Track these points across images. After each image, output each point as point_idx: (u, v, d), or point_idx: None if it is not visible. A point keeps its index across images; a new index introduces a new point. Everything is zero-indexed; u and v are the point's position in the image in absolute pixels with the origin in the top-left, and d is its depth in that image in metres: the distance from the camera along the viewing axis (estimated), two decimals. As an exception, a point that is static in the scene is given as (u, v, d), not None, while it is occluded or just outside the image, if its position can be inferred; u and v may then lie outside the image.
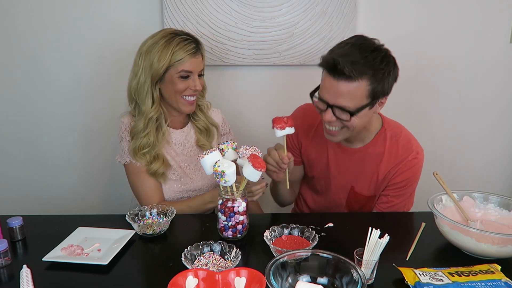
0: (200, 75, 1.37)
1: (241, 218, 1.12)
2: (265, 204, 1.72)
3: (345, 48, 1.15)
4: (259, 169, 1.06)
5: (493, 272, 0.93)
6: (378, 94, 1.16)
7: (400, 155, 1.29)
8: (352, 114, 1.16)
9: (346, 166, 1.36)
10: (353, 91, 1.13)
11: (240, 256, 0.98)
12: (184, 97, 1.34)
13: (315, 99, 1.22)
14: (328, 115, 1.18)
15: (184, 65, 1.29)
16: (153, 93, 1.32)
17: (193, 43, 1.31)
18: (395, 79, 1.20)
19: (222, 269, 0.97)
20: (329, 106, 1.17)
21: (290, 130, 1.24)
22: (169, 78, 1.31)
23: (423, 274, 0.92)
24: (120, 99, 1.82)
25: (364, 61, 1.12)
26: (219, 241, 1.04)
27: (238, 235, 1.14)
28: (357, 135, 1.30)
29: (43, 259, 1.01)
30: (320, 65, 1.17)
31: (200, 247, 1.02)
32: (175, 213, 1.21)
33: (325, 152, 1.38)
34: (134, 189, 1.40)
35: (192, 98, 1.36)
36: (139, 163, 1.34)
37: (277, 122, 1.23)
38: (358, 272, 0.84)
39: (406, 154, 1.29)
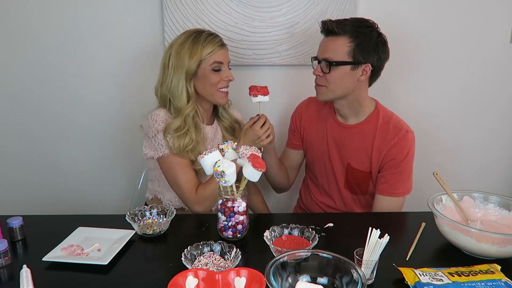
0: (229, 68, 1.41)
1: (241, 218, 1.12)
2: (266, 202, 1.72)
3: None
4: (259, 169, 1.06)
5: (493, 272, 0.93)
6: (358, 57, 1.32)
7: (390, 134, 1.38)
8: (331, 64, 1.32)
9: (343, 142, 1.46)
10: (336, 45, 1.32)
11: (240, 256, 0.98)
12: (220, 89, 1.38)
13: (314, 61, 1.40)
14: (317, 69, 1.37)
15: (215, 57, 1.34)
16: (188, 89, 1.35)
17: (218, 37, 1.37)
18: (378, 51, 1.33)
19: (222, 269, 0.97)
20: (319, 61, 1.37)
21: (262, 98, 1.38)
22: (202, 72, 1.34)
23: (423, 274, 0.92)
24: (121, 97, 1.83)
25: (351, 24, 1.32)
26: (219, 241, 1.04)
27: (238, 235, 1.14)
28: (350, 106, 1.41)
29: (43, 259, 1.01)
30: (321, 31, 1.37)
31: (200, 247, 1.02)
32: (175, 213, 1.21)
33: (325, 130, 1.50)
34: (175, 180, 1.36)
35: (226, 89, 1.40)
36: (188, 160, 1.35)
37: (251, 89, 1.39)
38: (358, 272, 0.84)
39: (396, 132, 1.38)
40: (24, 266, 0.97)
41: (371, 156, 1.40)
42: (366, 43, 1.31)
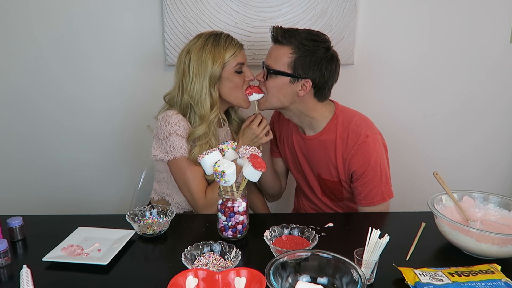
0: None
1: (241, 218, 1.13)
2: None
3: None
4: (259, 169, 1.06)
5: (493, 272, 0.93)
6: (298, 70, 1.27)
7: (350, 140, 1.32)
8: (269, 71, 1.30)
9: (308, 154, 1.44)
10: (278, 54, 1.29)
11: (240, 256, 0.98)
12: (246, 92, 1.37)
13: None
14: (259, 74, 1.36)
15: (237, 58, 1.33)
16: (212, 93, 1.32)
17: (235, 38, 1.36)
18: (321, 68, 1.27)
19: (222, 269, 0.97)
20: (263, 67, 1.34)
21: (257, 96, 1.37)
22: (226, 76, 1.33)
23: (423, 274, 0.92)
24: (120, 97, 1.83)
25: (299, 35, 1.27)
26: (219, 241, 1.04)
27: (238, 235, 1.14)
28: (299, 119, 1.38)
29: (43, 259, 1.01)
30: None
31: (200, 247, 1.02)
32: (175, 213, 1.21)
33: (292, 142, 1.48)
34: (185, 184, 1.34)
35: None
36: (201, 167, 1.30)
37: (246, 89, 1.38)
38: (358, 272, 0.84)
39: (355, 138, 1.31)
40: (24, 266, 0.97)
41: (337, 165, 1.36)
42: (308, 57, 1.26)
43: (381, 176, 1.32)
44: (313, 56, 1.26)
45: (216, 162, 1.07)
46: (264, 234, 1.05)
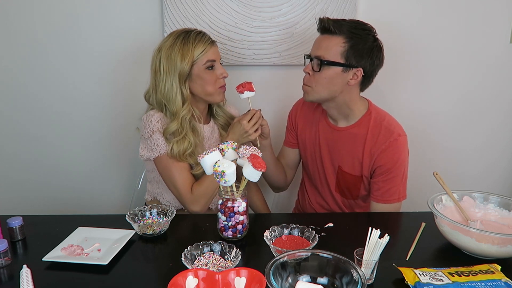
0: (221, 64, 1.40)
1: (241, 218, 1.13)
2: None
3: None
4: (259, 169, 1.06)
5: (493, 272, 0.93)
6: (351, 59, 1.28)
7: (381, 137, 1.34)
8: (322, 62, 1.29)
9: (334, 145, 1.44)
10: (330, 44, 1.29)
11: (240, 256, 0.98)
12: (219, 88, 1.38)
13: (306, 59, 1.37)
14: (307, 67, 1.35)
15: (207, 55, 1.33)
16: (183, 91, 1.33)
17: (206, 35, 1.36)
18: (372, 56, 1.30)
19: (222, 269, 0.97)
20: (311, 59, 1.33)
21: (249, 94, 1.39)
22: (196, 73, 1.33)
23: (423, 274, 0.92)
24: (121, 98, 1.83)
25: (348, 24, 1.29)
26: (219, 241, 1.04)
27: (238, 235, 1.14)
28: (339, 109, 1.39)
29: (43, 259, 1.01)
30: (317, 28, 1.35)
31: (200, 247, 1.02)
32: (175, 213, 1.21)
33: (317, 132, 1.48)
34: (171, 180, 1.35)
35: (224, 87, 1.40)
36: (185, 162, 1.34)
37: (237, 87, 1.39)
38: (358, 272, 0.84)
39: (388, 136, 1.34)
40: (24, 266, 0.97)
41: (362, 159, 1.37)
42: (360, 45, 1.28)
43: (402, 176, 1.35)
44: (365, 45, 1.28)
45: (216, 162, 1.07)
46: (264, 234, 1.05)
